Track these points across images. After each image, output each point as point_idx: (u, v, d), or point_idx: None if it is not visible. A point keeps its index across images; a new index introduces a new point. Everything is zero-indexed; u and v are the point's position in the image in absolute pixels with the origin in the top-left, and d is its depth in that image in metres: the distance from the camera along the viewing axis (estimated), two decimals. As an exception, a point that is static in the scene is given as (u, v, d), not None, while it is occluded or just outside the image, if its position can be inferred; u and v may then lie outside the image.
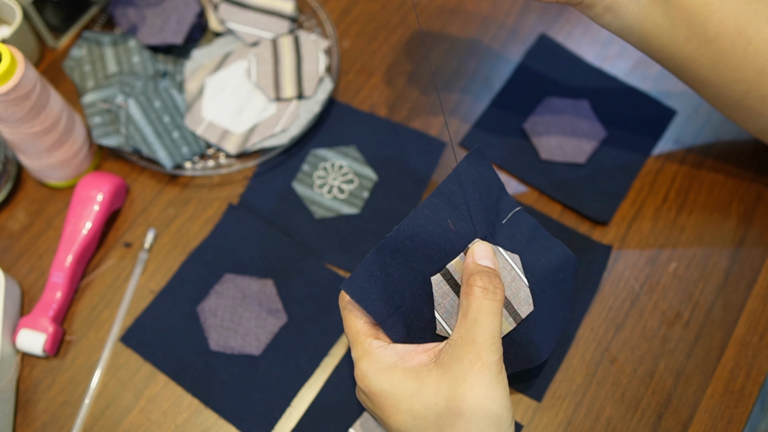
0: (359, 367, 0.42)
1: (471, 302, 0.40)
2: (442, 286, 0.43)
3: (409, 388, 0.40)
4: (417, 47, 0.70)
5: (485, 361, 0.39)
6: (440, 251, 0.43)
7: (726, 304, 0.57)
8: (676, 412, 0.54)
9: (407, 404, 0.40)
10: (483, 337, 0.39)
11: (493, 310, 0.40)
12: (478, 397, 0.38)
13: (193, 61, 0.68)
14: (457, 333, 0.40)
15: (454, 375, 0.39)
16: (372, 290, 0.43)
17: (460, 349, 0.39)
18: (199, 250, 0.61)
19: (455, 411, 0.39)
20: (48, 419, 0.55)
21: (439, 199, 0.44)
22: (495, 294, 0.41)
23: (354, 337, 0.43)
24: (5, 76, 0.52)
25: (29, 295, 0.60)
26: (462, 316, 0.41)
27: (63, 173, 0.62)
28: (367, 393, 0.41)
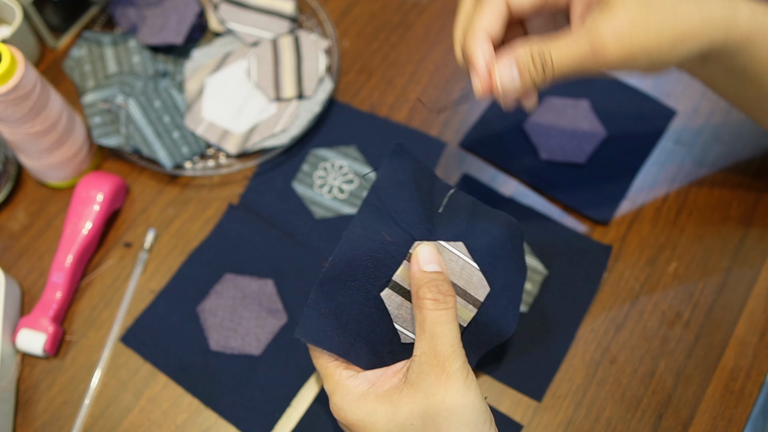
0: (333, 401, 0.42)
1: (425, 316, 0.40)
2: (394, 298, 0.43)
3: (384, 413, 0.40)
4: (417, 47, 0.70)
5: (450, 371, 0.39)
6: (382, 266, 0.43)
7: (726, 304, 0.57)
8: (676, 412, 0.54)
9: (384, 429, 0.40)
10: (443, 348, 0.40)
11: (448, 318, 0.40)
12: (452, 407, 0.39)
13: (193, 61, 0.68)
14: (419, 348, 0.40)
15: (423, 392, 0.39)
16: (325, 328, 0.42)
17: (425, 364, 0.40)
18: (199, 250, 0.61)
19: (432, 426, 0.39)
20: (48, 419, 0.55)
21: (367, 214, 0.43)
22: (446, 302, 0.41)
23: (323, 371, 0.43)
24: (5, 76, 0.52)
25: (29, 295, 0.60)
26: (420, 331, 0.41)
27: (63, 173, 0.62)
28: (346, 424, 0.42)
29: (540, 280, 0.58)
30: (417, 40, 0.71)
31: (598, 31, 0.40)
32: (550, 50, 0.41)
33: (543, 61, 0.41)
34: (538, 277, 0.58)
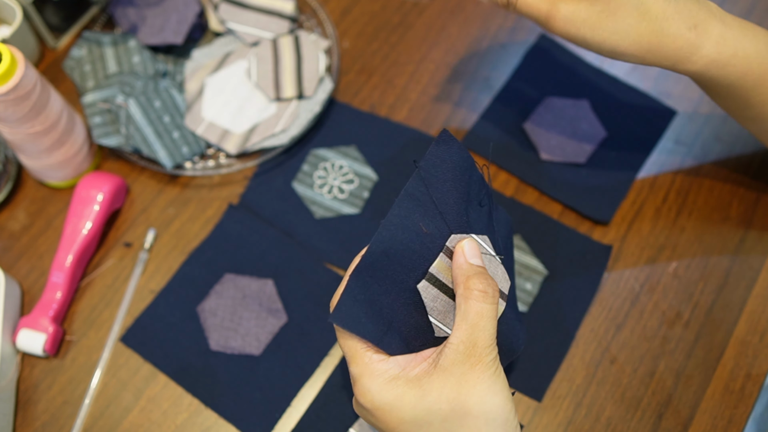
0: (361, 384, 0.42)
1: (471, 306, 0.41)
2: (430, 290, 0.43)
3: (412, 397, 0.40)
4: (417, 47, 0.70)
5: (485, 361, 0.40)
6: (418, 257, 0.43)
7: (726, 304, 0.57)
8: (676, 412, 0.54)
9: (411, 413, 0.40)
10: (483, 341, 0.40)
11: (492, 313, 0.41)
12: (482, 394, 0.39)
13: (193, 61, 0.68)
14: (456, 337, 0.41)
15: (455, 378, 0.40)
16: (360, 315, 0.42)
17: (461, 353, 0.40)
18: (199, 250, 0.61)
19: (461, 411, 0.39)
20: (48, 419, 0.55)
21: (406, 204, 0.43)
22: (493, 297, 0.41)
23: (352, 353, 0.43)
24: (5, 76, 0.52)
25: (29, 295, 0.60)
26: (461, 319, 0.41)
27: (63, 173, 0.62)
28: (371, 408, 0.41)
29: (540, 280, 0.58)
30: (417, 40, 0.71)
31: (558, 8, 0.47)
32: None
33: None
34: (538, 277, 0.58)
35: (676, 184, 0.62)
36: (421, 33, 0.71)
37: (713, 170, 0.63)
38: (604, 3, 0.46)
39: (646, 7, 0.47)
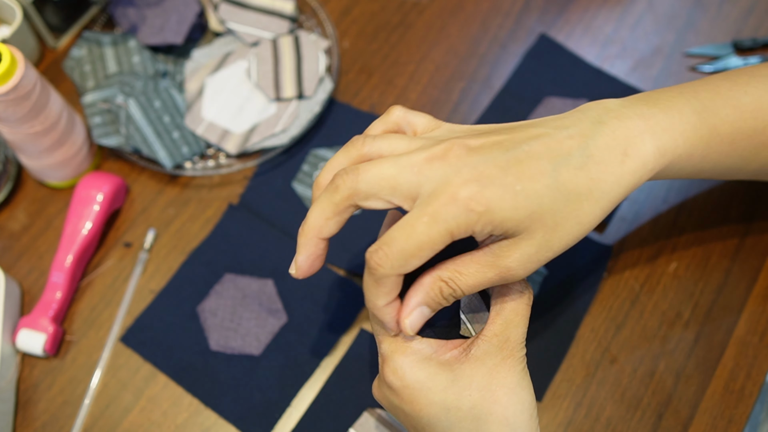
0: (393, 359, 0.41)
1: (507, 303, 0.42)
2: None
3: (443, 379, 0.41)
4: (417, 47, 0.70)
5: (516, 356, 0.41)
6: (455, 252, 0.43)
7: (726, 304, 0.57)
8: (676, 412, 0.54)
9: (441, 396, 0.40)
10: (516, 337, 0.42)
11: (527, 313, 0.42)
12: (512, 386, 0.41)
13: (193, 61, 0.68)
14: (490, 330, 0.42)
15: (487, 368, 0.41)
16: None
17: (494, 345, 0.41)
18: (199, 250, 0.61)
19: (491, 400, 0.40)
20: (48, 419, 0.55)
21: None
22: (530, 298, 0.43)
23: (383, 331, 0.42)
24: (5, 76, 0.52)
25: (29, 295, 0.60)
26: (496, 315, 0.42)
27: (63, 173, 0.62)
28: (398, 387, 0.41)
29: (540, 280, 0.58)
30: (417, 40, 0.71)
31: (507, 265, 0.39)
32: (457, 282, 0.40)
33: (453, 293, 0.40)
34: (538, 277, 0.58)
35: (676, 184, 0.62)
36: (421, 33, 0.71)
37: (713, 170, 0.63)
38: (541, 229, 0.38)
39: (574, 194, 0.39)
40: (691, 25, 0.70)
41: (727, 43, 0.68)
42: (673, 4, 0.71)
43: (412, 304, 0.40)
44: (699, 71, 0.67)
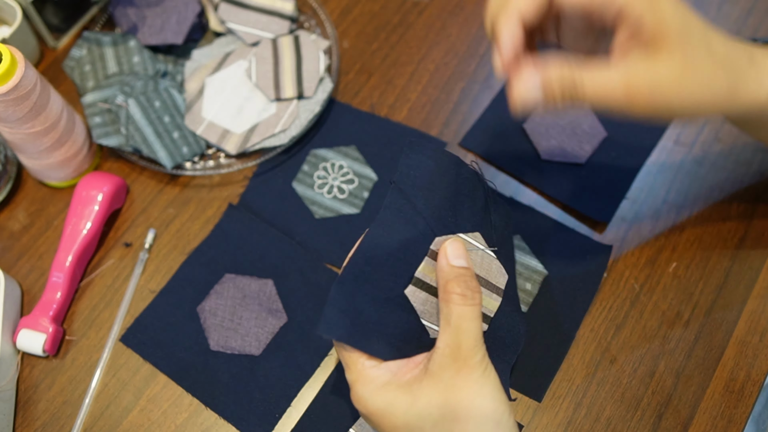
0: (355, 391, 0.42)
1: (452, 310, 0.41)
2: (419, 294, 0.43)
3: (403, 402, 0.40)
4: (417, 47, 0.70)
5: (471, 364, 0.40)
6: (402, 263, 0.43)
7: (726, 304, 0.57)
8: (676, 412, 0.54)
9: (403, 419, 0.40)
10: (467, 342, 0.40)
11: (474, 314, 0.41)
12: (471, 398, 0.39)
13: (193, 61, 0.68)
14: (442, 341, 0.41)
15: (444, 383, 0.40)
16: (347, 324, 0.42)
17: (447, 357, 0.40)
18: (199, 250, 0.61)
19: (450, 417, 0.39)
20: (48, 419, 0.55)
21: (387, 214, 0.43)
22: (474, 298, 0.41)
23: (346, 361, 0.43)
24: (5, 76, 0.52)
25: (29, 295, 0.60)
26: (445, 323, 0.41)
27: (63, 173, 0.62)
28: (365, 414, 0.42)
29: (540, 280, 0.58)
30: (417, 40, 0.71)
31: (637, 79, 0.39)
32: (583, 80, 0.40)
33: (573, 88, 0.40)
34: (538, 277, 0.58)
35: (676, 184, 0.62)
36: (421, 33, 0.71)
37: (713, 170, 0.63)
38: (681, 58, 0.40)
39: (715, 52, 0.42)
40: (691, 25, 0.70)
41: (727, 43, 0.68)
42: (673, 4, 0.71)
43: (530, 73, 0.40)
44: (699, 71, 0.67)
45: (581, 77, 0.40)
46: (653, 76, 0.39)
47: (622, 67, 0.40)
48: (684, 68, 0.40)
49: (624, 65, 0.40)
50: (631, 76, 0.39)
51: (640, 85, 0.39)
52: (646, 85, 0.39)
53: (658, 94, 0.40)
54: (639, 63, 0.40)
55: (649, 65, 0.40)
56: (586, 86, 0.39)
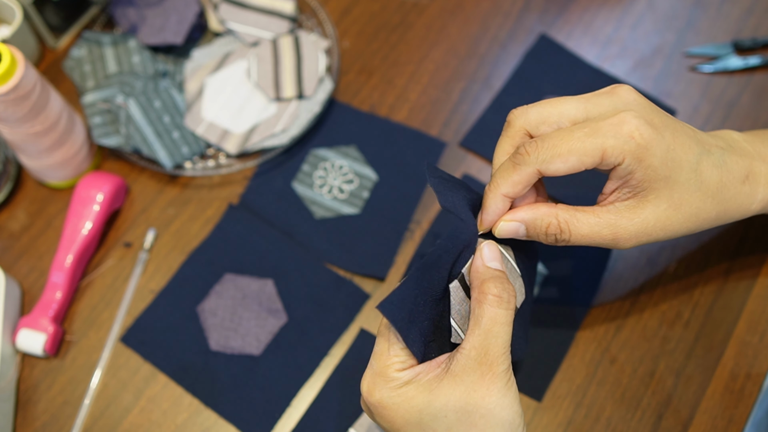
0: (374, 382, 0.41)
1: (485, 311, 0.39)
2: (459, 292, 0.42)
3: (420, 401, 0.39)
4: (417, 47, 0.70)
5: (497, 372, 0.39)
6: (460, 258, 0.42)
7: (726, 304, 0.57)
8: (676, 412, 0.54)
9: (417, 417, 0.39)
10: (496, 348, 0.39)
11: (507, 319, 0.40)
12: (490, 406, 0.38)
13: (193, 61, 0.68)
14: (469, 342, 0.39)
15: (465, 386, 0.39)
16: (402, 308, 0.41)
17: (472, 359, 0.39)
18: (199, 250, 0.61)
19: (466, 422, 0.38)
20: (48, 419, 0.55)
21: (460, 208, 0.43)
22: (509, 302, 0.40)
23: (380, 351, 0.42)
24: (5, 76, 0.52)
25: (29, 295, 0.60)
26: (474, 325, 0.40)
27: (63, 173, 0.62)
28: (376, 404, 0.40)
29: (540, 281, 0.58)
30: (417, 40, 0.71)
31: (625, 227, 0.42)
32: (569, 227, 0.42)
33: (558, 234, 0.42)
34: (538, 277, 0.58)
35: (676, 184, 0.62)
36: (421, 33, 0.71)
37: (713, 170, 0.63)
38: (667, 200, 0.42)
39: (705, 186, 0.44)
40: (691, 25, 0.70)
41: (727, 43, 0.68)
42: (673, 4, 0.71)
43: (518, 216, 0.43)
44: (699, 71, 0.67)
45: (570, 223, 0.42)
46: (639, 223, 0.42)
47: (611, 214, 0.43)
48: (669, 209, 0.43)
49: (612, 214, 0.43)
50: (618, 226, 0.42)
51: (628, 231, 0.42)
52: (633, 231, 0.42)
53: (643, 236, 0.43)
54: (625, 212, 0.43)
55: (636, 213, 0.42)
56: (573, 231, 0.42)
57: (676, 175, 0.42)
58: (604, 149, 0.40)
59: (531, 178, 0.42)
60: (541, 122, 0.43)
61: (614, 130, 0.40)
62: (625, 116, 0.41)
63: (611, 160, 0.40)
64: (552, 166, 0.41)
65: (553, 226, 0.42)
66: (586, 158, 0.40)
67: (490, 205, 0.43)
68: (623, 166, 0.41)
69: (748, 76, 0.67)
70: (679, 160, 0.42)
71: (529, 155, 0.41)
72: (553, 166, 0.41)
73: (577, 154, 0.40)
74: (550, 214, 0.42)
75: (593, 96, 0.44)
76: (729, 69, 0.67)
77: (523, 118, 0.44)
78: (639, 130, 0.40)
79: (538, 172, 0.41)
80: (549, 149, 0.41)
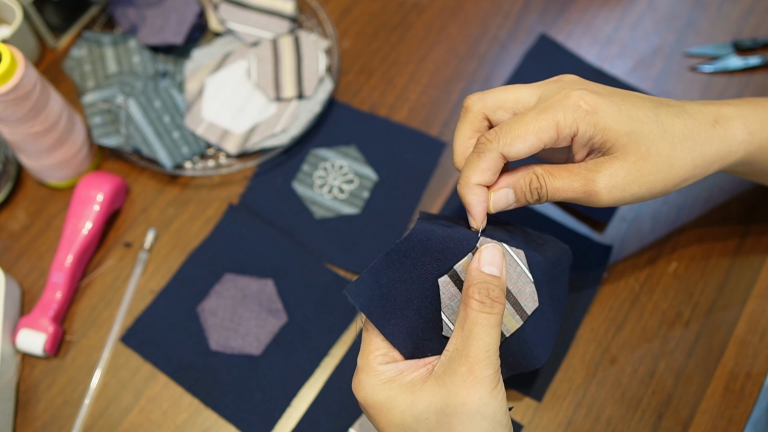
0: (359, 378, 0.42)
1: (467, 314, 0.40)
2: (449, 287, 0.42)
3: (403, 401, 0.40)
4: (417, 47, 0.70)
5: (477, 376, 0.38)
6: (449, 253, 0.43)
7: (726, 304, 0.57)
8: (676, 412, 0.54)
9: (400, 418, 0.40)
10: (476, 351, 0.39)
11: (489, 323, 0.40)
12: (470, 412, 0.38)
13: (193, 61, 0.68)
14: (452, 344, 0.40)
15: (446, 389, 0.39)
16: (375, 297, 0.42)
17: (454, 362, 0.39)
18: (199, 250, 0.61)
19: (446, 425, 0.38)
20: (48, 419, 0.55)
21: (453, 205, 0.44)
22: (492, 307, 0.40)
23: (364, 344, 0.43)
24: (5, 76, 0.52)
25: (29, 295, 0.60)
26: (458, 327, 0.40)
27: (63, 173, 0.62)
28: (362, 403, 0.42)
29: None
30: (417, 40, 0.71)
31: (594, 179, 0.43)
32: (546, 182, 0.44)
33: (539, 188, 0.44)
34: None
35: (676, 184, 0.62)
36: (421, 33, 0.71)
37: (713, 170, 0.63)
38: (634, 153, 0.43)
39: (670, 134, 0.44)
40: (691, 25, 0.70)
41: (727, 42, 0.68)
42: (673, 4, 0.71)
43: (501, 183, 0.45)
44: (699, 71, 0.67)
45: (546, 180, 0.44)
46: (609, 176, 0.43)
47: (581, 169, 0.44)
48: (639, 161, 0.43)
49: (583, 168, 0.44)
50: (589, 178, 0.44)
51: (599, 184, 0.43)
52: (604, 183, 0.43)
53: (617, 191, 0.44)
54: (595, 166, 0.44)
55: (605, 166, 0.44)
56: (549, 186, 0.44)
57: (637, 128, 0.43)
58: (557, 122, 0.42)
59: (497, 163, 0.44)
60: (498, 107, 0.46)
61: (561, 104, 0.43)
62: (569, 91, 0.43)
63: (566, 132, 0.43)
64: (513, 149, 0.43)
65: (534, 181, 0.44)
66: (543, 134, 0.43)
67: (470, 199, 0.44)
68: (580, 134, 0.43)
69: (748, 76, 0.67)
70: (635, 116, 0.43)
71: (491, 142, 0.43)
72: (514, 148, 0.43)
73: (534, 132, 0.43)
74: (528, 172, 0.45)
75: (543, 83, 0.46)
76: (729, 69, 0.67)
77: (480, 102, 0.47)
78: (583, 98, 0.43)
79: (502, 156, 0.43)
80: (507, 132, 0.43)
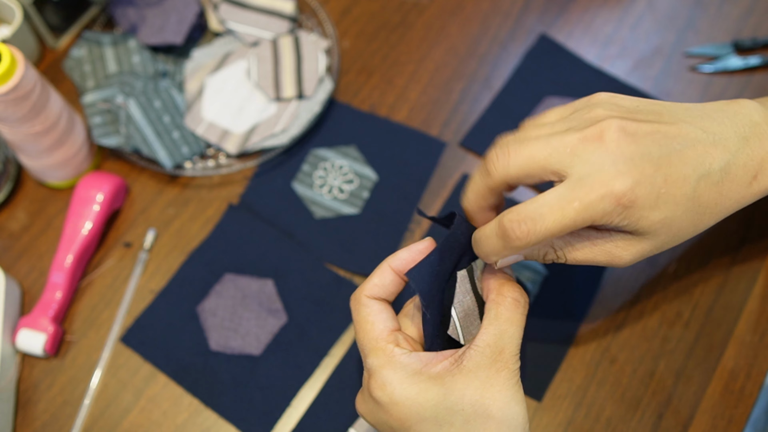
0: (381, 375, 0.40)
1: (502, 312, 0.41)
2: (465, 283, 0.43)
3: (434, 394, 0.39)
4: (417, 47, 0.70)
5: (511, 369, 0.40)
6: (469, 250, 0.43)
7: (726, 304, 0.57)
8: (676, 412, 0.54)
9: (432, 411, 0.39)
10: (511, 348, 0.40)
11: (522, 323, 0.41)
12: (507, 401, 0.39)
13: (193, 61, 0.68)
14: (483, 340, 0.40)
15: (480, 381, 0.39)
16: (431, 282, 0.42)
17: (487, 356, 0.40)
18: (199, 250, 0.61)
19: (484, 415, 0.39)
20: (48, 419, 0.55)
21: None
22: (525, 307, 0.42)
23: (372, 344, 0.41)
24: (5, 76, 0.52)
25: (29, 295, 0.60)
26: (489, 323, 0.41)
27: (63, 173, 0.62)
28: (387, 402, 0.40)
29: (540, 281, 0.58)
30: (417, 40, 0.71)
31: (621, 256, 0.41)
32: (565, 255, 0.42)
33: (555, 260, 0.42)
34: (538, 278, 0.58)
35: (676, 184, 0.62)
36: (421, 33, 0.71)
37: (713, 170, 0.63)
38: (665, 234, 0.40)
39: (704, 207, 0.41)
40: (691, 25, 0.70)
41: (727, 42, 0.68)
42: (673, 4, 0.71)
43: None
44: (699, 71, 0.67)
45: (564, 257, 0.42)
46: (636, 252, 0.41)
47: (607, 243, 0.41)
48: (666, 240, 0.41)
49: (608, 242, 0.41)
50: (614, 254, 0.41)
51: (623, 259, 0.41)
52: (629, 258, 0.41)
53: (640, 258, 0.42)
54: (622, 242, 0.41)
55: (633, 245, 0.41)
56: (568, 262, 0.42)
57: (672, 213, 0.39)
58: (593, 220, 0.38)
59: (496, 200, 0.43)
60: (524, 177, 0.41)
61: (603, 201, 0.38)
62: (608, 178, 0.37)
63: (600, 223, 0.39)
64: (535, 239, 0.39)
65: (550, 254, 0.42)
66: (577, 228, 0.39)
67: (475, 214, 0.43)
68: (610, 223, 0.39)
69: (748, 76, 0.67)
70: (674, 198, 0.39)
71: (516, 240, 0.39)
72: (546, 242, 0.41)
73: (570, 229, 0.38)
74: (544, 245, 0.42)
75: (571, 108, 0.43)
76: (729, 69, 0.67)
77: (504, 171, 0.41)
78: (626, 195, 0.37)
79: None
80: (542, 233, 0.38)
